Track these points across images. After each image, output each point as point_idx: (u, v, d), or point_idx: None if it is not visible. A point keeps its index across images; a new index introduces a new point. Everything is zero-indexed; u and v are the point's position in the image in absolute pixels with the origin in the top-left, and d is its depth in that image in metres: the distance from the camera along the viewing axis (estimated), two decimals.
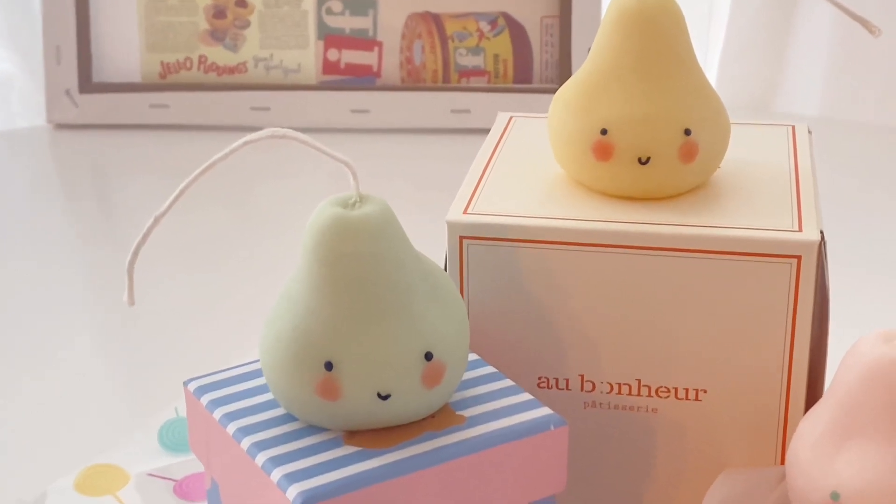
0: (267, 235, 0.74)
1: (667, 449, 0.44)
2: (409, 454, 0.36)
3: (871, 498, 0.36)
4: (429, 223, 0.44)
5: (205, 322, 0.65)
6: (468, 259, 0.43)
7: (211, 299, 0.67)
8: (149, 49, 0.90)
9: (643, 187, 0.43)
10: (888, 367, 0.37)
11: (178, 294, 0.68)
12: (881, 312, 0.50)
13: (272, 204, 0.79)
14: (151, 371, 0.61)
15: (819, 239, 0.40)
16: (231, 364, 0.41)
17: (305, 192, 0.77)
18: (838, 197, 0.74)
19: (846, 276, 0.60)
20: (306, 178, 0.79)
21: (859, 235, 0.72)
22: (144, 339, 0.64)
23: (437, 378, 0.36)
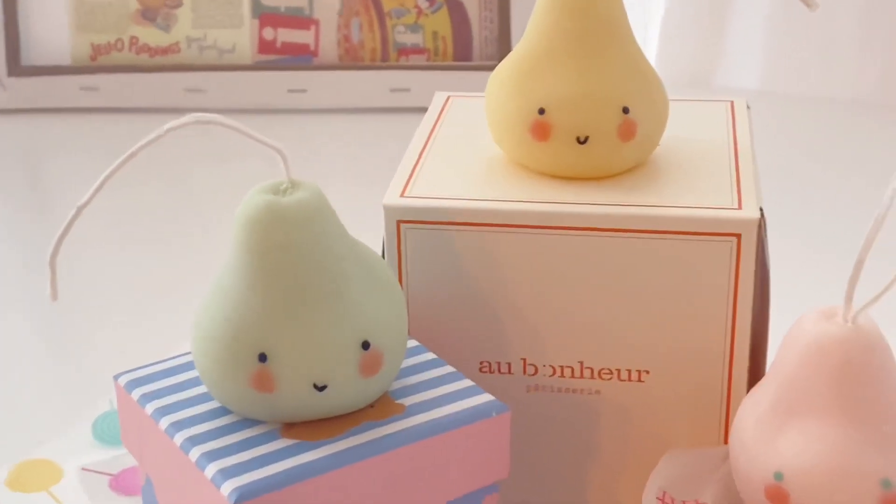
0: (204, 222, 0.73)
1: (610, 431, 0.43)
2: (347, 445, 0.35)
3: (814, 477, 0.36)
4: (369, 206, 0.43)
5: (141, 311, 0.63)
6: (406, 243, 0.42)
7: (147, 288, 0.66)
8: (78, 30, 0.87)
9: (582, 167, 0.42)
10: (829, 344, 0.36)
11: (112, 283, 0.67)
12: (822, 289, 0.49)
13: (209, 189, 0.78)
14: (85, 362, 0.59)
15: (759, 216, 0.40)
16: (167, 355, 0.40)
17: (245, 177, 0.76)
18: (778, 172, 0.74)
19: (787, 252, 0.60)
20: (245, 161, 0.77)
21: (799, 211, 0.71)
22: (77, 328, 0.62)
23: (374, 367, 0.36)
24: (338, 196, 0.73)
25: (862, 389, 0.36)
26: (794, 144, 0.82)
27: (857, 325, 0.36)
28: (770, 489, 0.36)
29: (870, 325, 0.36)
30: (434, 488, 0.37)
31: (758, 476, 0.37)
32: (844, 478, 0.35)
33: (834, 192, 0.74)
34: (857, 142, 0.82)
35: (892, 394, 0.36)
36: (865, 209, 0.36)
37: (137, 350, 0.57)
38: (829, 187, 0.75)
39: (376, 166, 0.74)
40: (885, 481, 0.35)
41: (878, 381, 0.36)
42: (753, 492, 0.37)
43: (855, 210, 0.70)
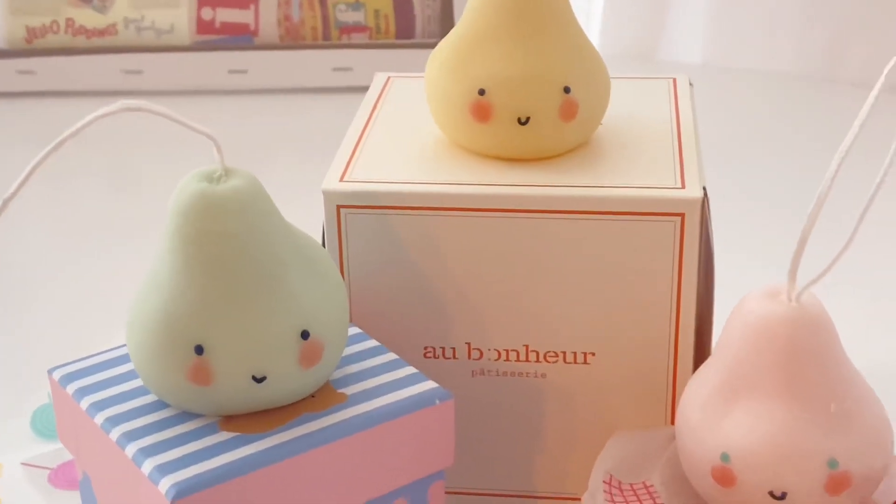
0: (139, 210, 0.71)
1: (557, 414, 0.43)
2: (288, 437, 0.35)
3: (761, 457, 0.36)
4: (315, 188, 0.42)
5: (76, 302, 0.62)
6: (346, 229, 0.41)
7: (82, 278, 0.64)
8: (12, 13, 0.85)
9: (524, 148, 0.42)
10: (774, 324, 0.36)
11: (48, 273, 0.65)
12: (767, 267, 0.49)
13: (145, 176, 0.76)
14: (22, 354, 0.58)
15: (702, 196, 0.40)
16: (103, 348, 0.39)
17: (181, 163, 0.74)
18: (721, 149, 0.73)
19: (731, 231, 0.59)
20: (182, 147, 0.76)
21: (743, 189, 0.71)
22: (12, 320, 0.61)
23: (314, 357, 0.35)
24: (281, 178, 0.72)
25: (807, 369, 0.36)
26: (737, 119, 0.82)
27: (802, 303, 0.36)
28: (716, 470, 0.36)
29: (814, 303, 0.36)
30: (378, 478, 0.36)
31: (704, 457, 0.37)
32: (791, 458, 0.35)
33: (778, 168, 0.74)
34: (801, 116, 0.82)
35: (837, 372, 0.36)
36: (810, 185, 0.36)
37: (73, 342, 0.56)
38: (773, 163, 0.75)
39: (320, 147, 0.72)
40: (831, 461, 0.35)
41: (823, 360, 0.36)
42: (700, 473, 0.37)
43: (799, 186, 0.70)
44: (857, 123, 0.33)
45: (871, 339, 0.55)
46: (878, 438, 0.36)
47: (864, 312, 0.57)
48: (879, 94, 0.33)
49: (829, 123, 0.79)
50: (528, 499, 0.44)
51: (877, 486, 0.37)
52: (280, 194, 0.57)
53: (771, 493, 0.36)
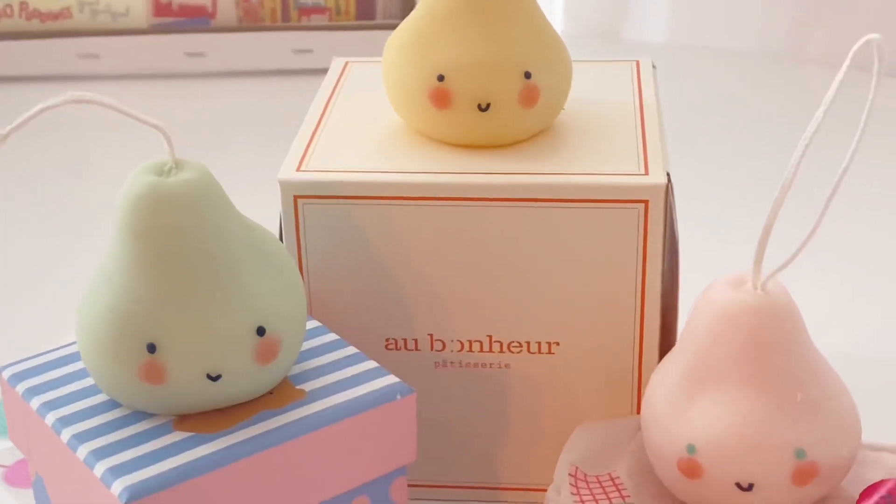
0: (93, 202, 0.69)
1: (521, 405, 0.42)
2: (245, 436, 0.34)
3: (727, 449, 0.35)
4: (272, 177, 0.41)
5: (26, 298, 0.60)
6: (304, 219, 0.40)
7: (32, 273, 0.63)
8: None
9: (484, 135, 0.41)
10: (739, 313, 0.35)
11: None
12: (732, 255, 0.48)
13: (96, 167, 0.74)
14: None
15: (665, 182, 0.39)
16: (53, 345, 0.38)
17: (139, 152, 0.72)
18: (686, 131, 0.72)
19: (696, 217, 0.58)
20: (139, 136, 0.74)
21: (708, 173, 0.70)
22: None
23: (271, 354, 0.34)
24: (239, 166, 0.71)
25: (773, 358, 0.35)
26: (702, 100, 0.81)
27: (767, 291, 0.35)
28: (683, 462, 0.36)
29: (780, 291, 0.36)
30: (338, 476, 0.35)
31: (670, 449, 0.36)
32: (758, 448, 0.35)
33: (744, 150, 0.73)
34: (766, 95, 0.82)
35: (804, 361, 0.35)
36: (776, 168, 0.35)
37: (22, 339, 0.55)
38: (738, 146, 0.74)
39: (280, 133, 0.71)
40: (798, 451, 0.35)
41: (789, 349, 0.35)
42: (666, 465, 0.36)
43: (766, 169, 0.69)
44: (821, 110, 0.32)
45: (838, 325, 0.54)
46: (845, 427, 0.36)
47: (830, 297, 0.56)
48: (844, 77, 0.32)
49: (794, 102, 0.79)
50: (493, 490, 0.44)
51: (845, 474, 0.36)
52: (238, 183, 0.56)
53: (738, 484, 0.35)
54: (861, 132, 0.32)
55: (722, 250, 0.58)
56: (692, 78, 0.84)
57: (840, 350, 0.50)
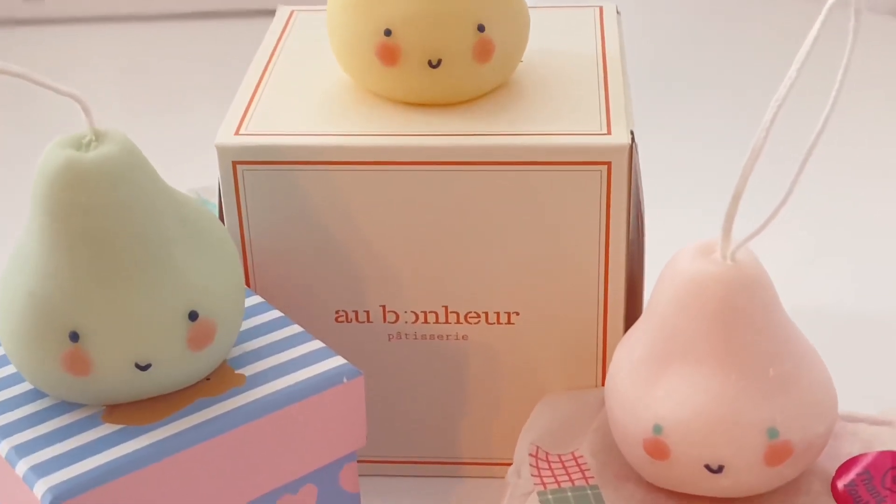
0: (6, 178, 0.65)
1: (480, 378, 0.40)
2: (180, 428, 0.31)
3: (695, 429, 0.33)
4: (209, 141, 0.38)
5: None
6: (245, 187, 0.38)
7: None
8: None
9: (436, 92, 0.38)
10: (706, 284, 0.33)
11: None
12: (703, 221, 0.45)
13: (12, 139, 0.69)
14: None
15: (629, 142, 0.37)
16: None
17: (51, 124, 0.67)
18: (652, 85, 0.68)
19: (663, 179, 0.55)
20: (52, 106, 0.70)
21: (675, 131, 0.65)
22: None
23: (205, 339, 0.32)
24: (174, 129, 0.66)
25: (743, 331, 0.33)
26: (671, 50, 0.76)
27: (737, 261, 0.33)
28: (648, 443, 0.34)
29: (750, 260, 0.33)
30: (282, 465, 0.33)
31: (635, 429, 0.34)
32: (728, 428, 0.33)
33: (716, 106, 0.68)
34: (741, 45, 0.77)
35: (776, 334, 0.33)
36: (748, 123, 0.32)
37: None
38: (710, 101, 0.69)
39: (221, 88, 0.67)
40: (771, 430, 0.33)
41: (760, 322, 0.33)
42: (631, 445, 0.34)
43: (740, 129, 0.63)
44: (794, 69, 0.30)
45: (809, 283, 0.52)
46: (820, 403, 0.34)
47: (798, 254, 0.53)
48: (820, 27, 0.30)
49: (768, 48, 0.75)
50: (453, 465, 0.42)
51: (820, 452, 0.34)
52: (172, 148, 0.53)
53: (707, 466, 0.33)
54: (836, 94, 0.30)
55: (691, 216, 0.55)
56: (660, 25, 0.80)
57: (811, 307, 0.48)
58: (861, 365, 0.46)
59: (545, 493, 0.35)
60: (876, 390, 0.44)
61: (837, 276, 0.52)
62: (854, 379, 0.42)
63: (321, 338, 0.39)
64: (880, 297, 0.51)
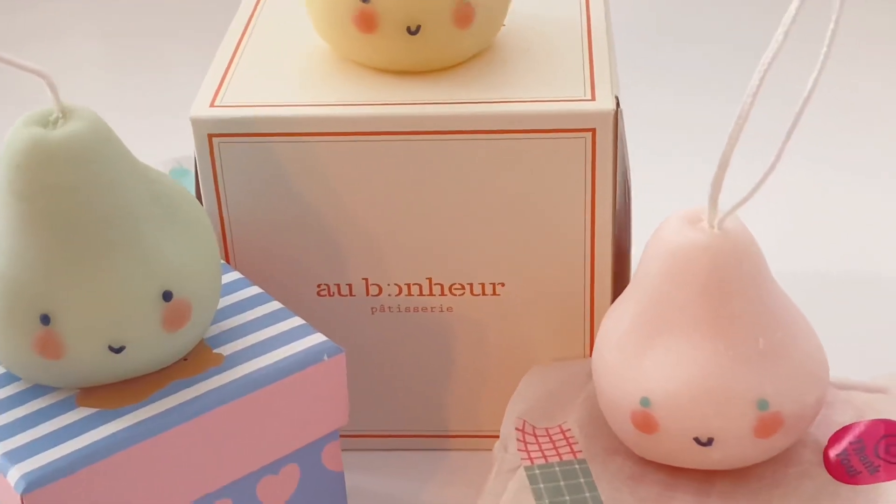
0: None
1: (466, 350, 0.39)
2: (156, 411, 0.31)
3: (683, 401, 0.32)
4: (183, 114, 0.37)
5: None
6: (221, 160, 0.37)
7: None
8: None
9: (416, 60, 0.37)
10: (693, 253, 0.32)
11: None
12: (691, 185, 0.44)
13: None
14: None
15: (614, 108, 0.36)
16: None
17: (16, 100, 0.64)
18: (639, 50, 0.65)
19: (649, 147, 0.54)
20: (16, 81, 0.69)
21: (661, 96, 0.63)
22: None
23: (180, 319, 0.31)
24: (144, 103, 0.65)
25: (732, 301, 0.32)
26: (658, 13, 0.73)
27: (724, 230, 0.32)
28: (636, 416, 0.33)
29: (738, 229, 0.33)
30: (263, 446, 0.32)
31: (623, 402, 0.33)
32: (717, 401, 0.32)
33: (705, 71, 0.66)
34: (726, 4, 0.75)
35: (765, 303, 0.33)
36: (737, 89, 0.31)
37: None
38: (699, 66, 0.67)
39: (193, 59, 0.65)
40: (761, 402, 0.32)
41: (749, 292, 0.32)
42: (619, 418, 0.34)
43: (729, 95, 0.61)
44: (780, 31, 0.29)
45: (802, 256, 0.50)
46: (811, 372, 0.33)
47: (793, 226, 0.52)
48: None
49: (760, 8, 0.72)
50: (440, 438, 0.41)
51: (811, 422, 0.34)
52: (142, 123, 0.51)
53: (696, 439, 0.33)
54: (823, 60, 0.29)
55: (681, 181, 0.53)
56: None
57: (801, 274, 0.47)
58: (854, 330, 0.45)
59: (532, 467, 0.34)
60: (869, 356, 0.43)
61: (828, 242, 0.51)
62: (847, 345, 0.41)
63: (303, 312, 0.39)
64: (872, 262, 0.50)
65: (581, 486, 0.34)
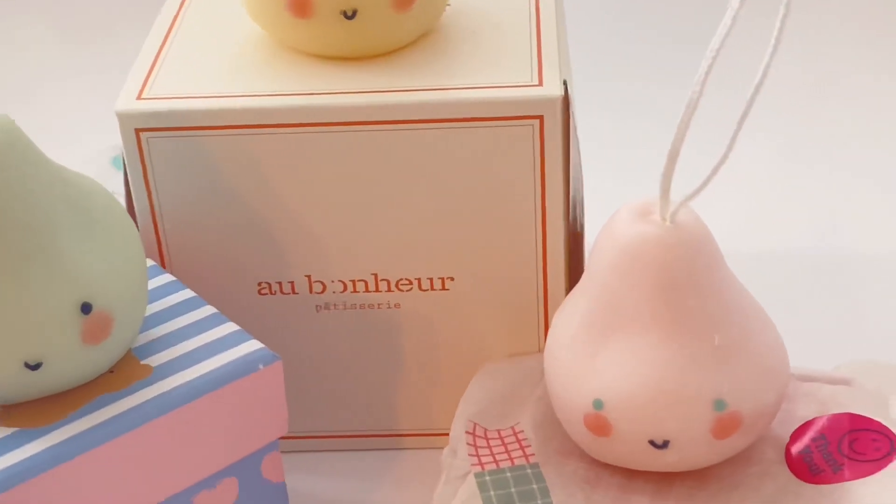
0: None
1: (416, 347, 0.38)
2: (81, 428, 0.29)
3: (637, 403, 0.31)
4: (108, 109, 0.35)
5: None
6: (151, 156, 0.35)
7: None
8: None
9: (353, 45, 0.35)
10: (644, 248, 0.31)
11: None
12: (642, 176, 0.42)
13: None
14: None
15: (562, 94, 0.34)
16: None
17: None
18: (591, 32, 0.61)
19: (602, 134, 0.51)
20: None
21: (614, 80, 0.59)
22: None
23: (101, 332, 0.29)
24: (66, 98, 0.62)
25: (686, 297, 0.31)
26: None
27: (677, 223, 0.31)
28: (589, 418, 0.32)
29: (692, 221, 0.31)
30: (197, 461, 0.31)
31: (575, 404, 0.32)
32: (672, 402, 0.31)
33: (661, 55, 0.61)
34: None
35: (721, 298, 0.31)
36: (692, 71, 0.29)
37: None
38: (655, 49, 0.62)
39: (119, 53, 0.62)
40: (717, 402, 0.31)
41: (704, 286, 0.31)
42: (572, 421, 0.32)
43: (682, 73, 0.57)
44: (729, 15, 0.27)
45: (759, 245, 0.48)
46: (770, 368, 0.32)
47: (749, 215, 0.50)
48: None
49: None
50: (393, 437, 0.40)
51: (771, 420, 0.32)
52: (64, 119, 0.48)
53: (651, 441, 0.31)
54: (775, 43, 0.27)
55: (634, 173, 0.50)
56: None
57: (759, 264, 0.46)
58: (814, 318, 0.44)
59: (483, 473, 0.33)
60: (831, 344, 0.42)
61: (787, 226, 0.49)
62: (808, 333, 0.39)
63: (244, 313, 0.37)
64: (833, 246, 0.48)
65: (534, 492, 0.32)
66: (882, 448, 0.32)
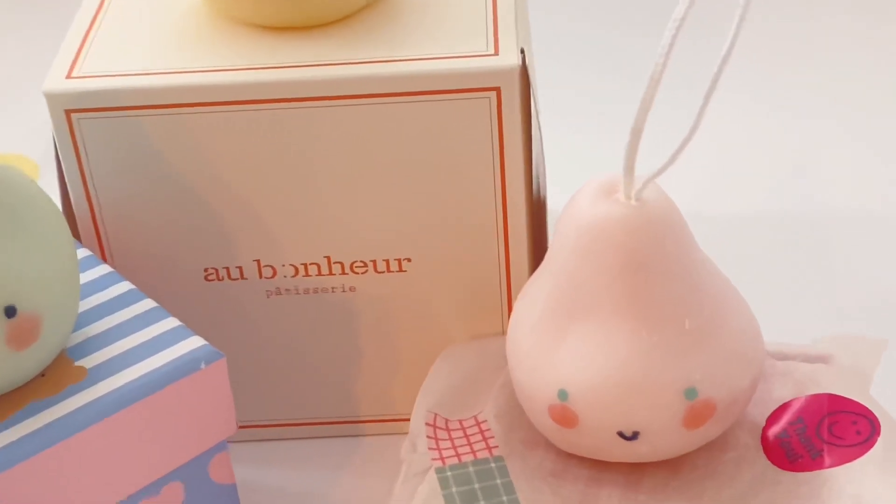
0: None
1: (373, 331, 0.36)
2: (9, 439, 0.27)
3: (603, 394, 0.29)
4: None
5: None
6: (83, 139, 0.33)
7: None
8: None
9: (295, 13, 0.33)
10: (608, 228, 0.29)
11: None
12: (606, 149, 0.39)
13: None
14: None
15: (519, 64, 0.32)
16: None
17: None
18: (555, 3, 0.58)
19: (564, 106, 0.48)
20: None
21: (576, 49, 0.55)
22: None
23: (28, 336, 0.27)
24: None
25: (653, 280, 0.29)
26: None
27: (643, 201, 0.29)
28: (554, 409, 0.30)
29: (658, 199, 0.29)
30: (138, 467, 0.29)
31: (539, 394, 0.30)
32: (640, 392, 0.29)
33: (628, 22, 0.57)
34: None
35: (691, 280, 0.29)
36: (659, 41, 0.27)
37: None
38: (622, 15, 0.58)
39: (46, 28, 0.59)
40: (689, 390, 0.29)
41: (672, 269, 0.29)
42: (537, 412, 0.30)
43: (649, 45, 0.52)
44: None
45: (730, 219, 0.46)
46: (744, 352, 0.30)
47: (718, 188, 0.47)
48: None
49: None
50: (352, 424, 0.38)
51: (746, 405, 0.31)
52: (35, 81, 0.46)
53: (620, 433, 0.29)
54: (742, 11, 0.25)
55: (599, 148, 0.47)
56: None
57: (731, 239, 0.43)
58: (789, 292, 0.42)
59: (444, 469, 0.31)
60: (808, 318, 0.40)
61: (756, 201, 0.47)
62: (781, 300, 0.38)
63: (190, 300, 0.35)
64: (802, 220, 0.46)
65: (497, 488, 0.31)
66: (863, 431, 0.31)
